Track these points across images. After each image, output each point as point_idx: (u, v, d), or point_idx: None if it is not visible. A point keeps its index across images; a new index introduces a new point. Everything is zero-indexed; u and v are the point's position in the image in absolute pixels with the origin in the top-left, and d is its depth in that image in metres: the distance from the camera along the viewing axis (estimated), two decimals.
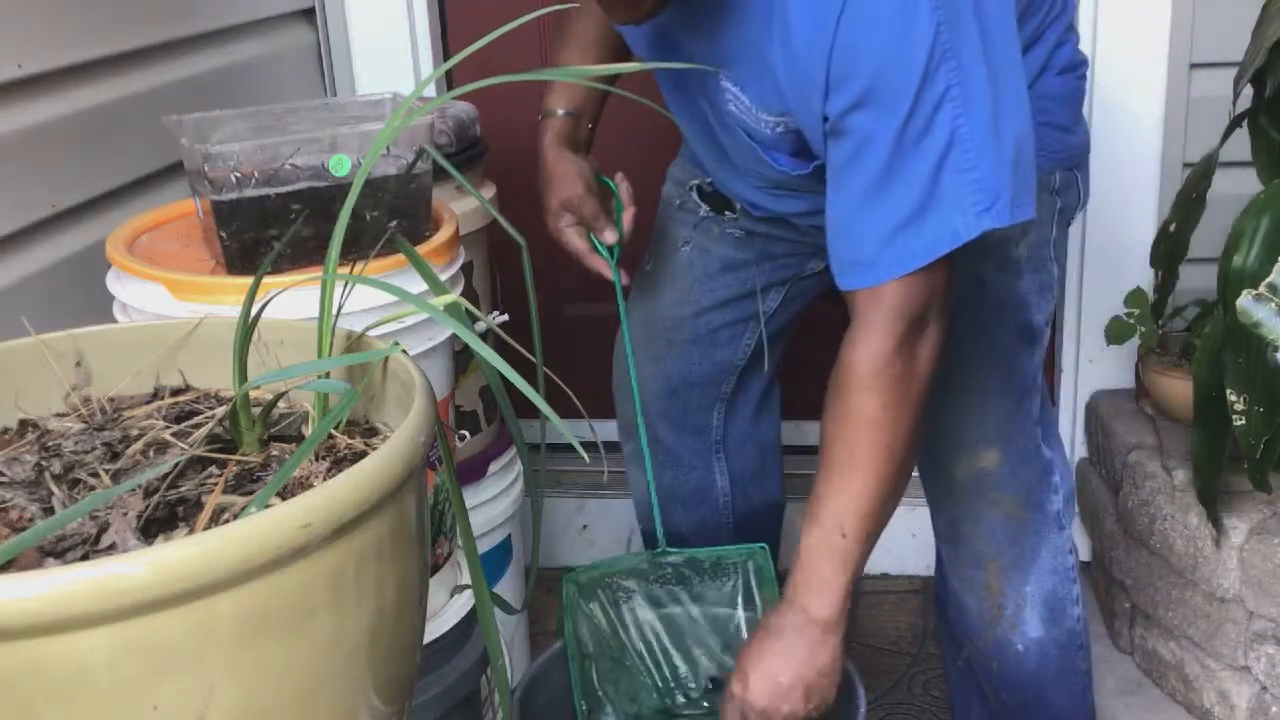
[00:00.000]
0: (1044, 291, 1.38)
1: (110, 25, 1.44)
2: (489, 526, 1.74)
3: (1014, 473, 1.41)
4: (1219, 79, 1.78)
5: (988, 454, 1.40)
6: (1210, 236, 1.69)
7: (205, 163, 1.10)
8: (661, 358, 1.59)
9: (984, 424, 1.40)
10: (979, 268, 1.33)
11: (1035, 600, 1.45)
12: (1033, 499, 1.43)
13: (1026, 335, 1.38)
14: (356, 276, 0.73)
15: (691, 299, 1.55)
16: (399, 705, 0.68)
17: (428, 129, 1.20)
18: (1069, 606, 1.47)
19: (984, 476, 1.41)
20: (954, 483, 1.42)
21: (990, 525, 1.43)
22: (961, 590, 1.49)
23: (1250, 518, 1.69)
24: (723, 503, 1.69)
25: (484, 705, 1.35)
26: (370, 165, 0.73)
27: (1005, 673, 1.50)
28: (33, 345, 0.78)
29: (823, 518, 1.17)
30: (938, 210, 1.07)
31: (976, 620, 1.49)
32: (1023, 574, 1.45)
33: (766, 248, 1.51)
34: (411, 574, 0.66)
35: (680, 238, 1.54)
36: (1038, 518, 1.43)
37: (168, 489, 0.66)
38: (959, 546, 1.47)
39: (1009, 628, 1.46)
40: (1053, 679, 1.49)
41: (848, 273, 1.14)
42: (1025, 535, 1.43)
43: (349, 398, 0.66)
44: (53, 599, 0.50)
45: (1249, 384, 1.54)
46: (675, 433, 1.64)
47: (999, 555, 1.44)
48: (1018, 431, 1.41)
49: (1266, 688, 1.69)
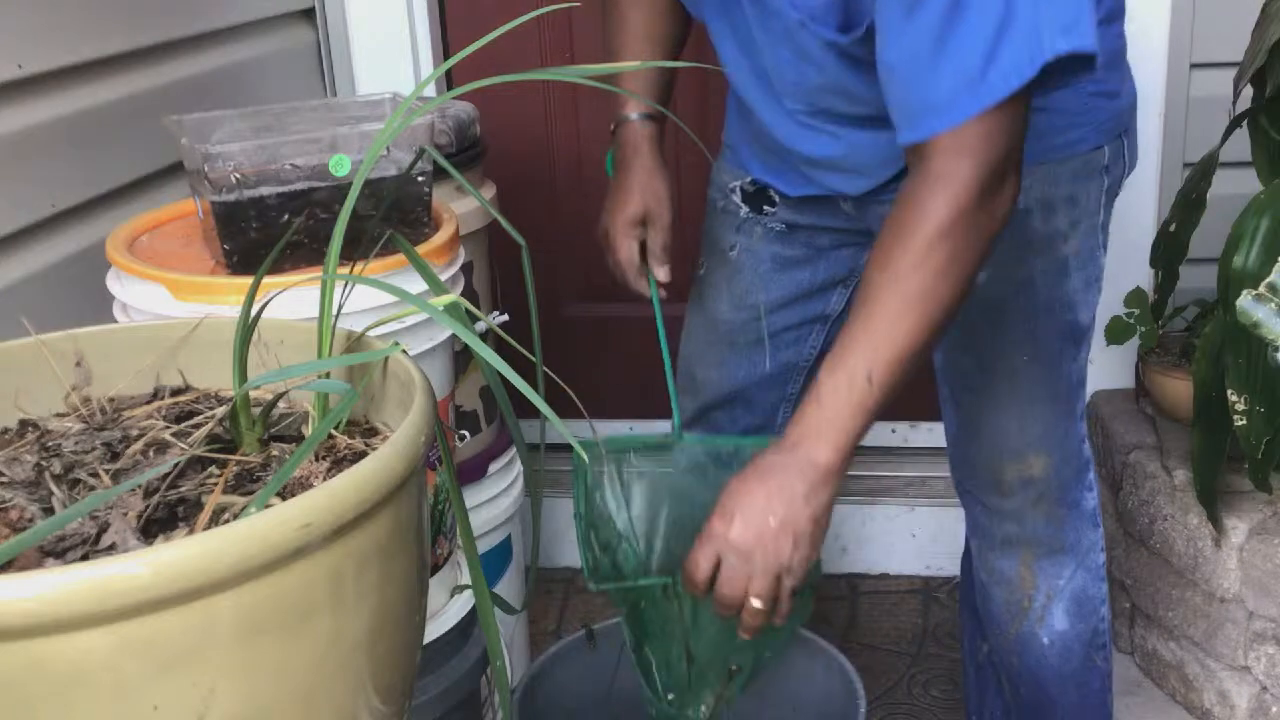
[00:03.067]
0: (1091, 286, 1.35)
1: (110, 25, 1.44)
2: (489, 526, 1.74)
3: (1059, 474, 1.41)
4: (1219, 79, 1.78)
5: (1037, 460, 1.39)
6: (1210, 236, 1.69)
7: (205, 163, 1.10)
8: (725, 361, 1.55)
9: (1031, 432, 1.38)
10: (1029, 268, 1.30)
11: (1065, 594, 1.45)
12: (1070, 496, 1.42)
13: (1073, 336, 1.36)
14: (356, 276, 0.73)
15: (749, 302, 1.50)
16: (399, 705, 0.68)
17: (428, 129, 1.20)
18: (1097, 604, 1.47)
19: (1031, 481, 1.40)
20: (1002, 485, 1.41)
21: (1032, 522, 1.43)
22: (990, 582, 1.49)
23: (1250, 518, 1.69)
24: None
25: (484, 705, 1.35)
26: (370, 165, 0.73)
27: (1026, 667, 1.49)
28: (33, 345, 0.78)
29: (852, 364, 1.09)
30: (1014, 34, 1.00)
31: (1003, 613, 1.48)
32: (1056, 567, 1.44)
33: (812, 240, 1.46)
34: (411, 574, 0.66)
35: (727, 241, 1.49)
36: (1074, 514, 1.43)
37: (168, 489, 0.66)
38: (995, 540, 1.46)
39: (1035, 621, 1.46)
40: (1072, 674, 1.48)
41: (918, 122, 1.06)
42: (1064, 530, 1.43)
43: (349, 398, 0.66)
44: (53, 599, 0.50)
45: (1249, 384, 1.54)
46: (736, 429, 1.59)
47: (1034, 547, 1.44)
48: (1064, 435, 1.40)
49: (1266, 688, 1.69)
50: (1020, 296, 1.31)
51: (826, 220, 1.43)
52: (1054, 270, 1.32)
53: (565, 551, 2.34)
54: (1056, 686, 1.49)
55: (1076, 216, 1.30)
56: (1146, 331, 1.96)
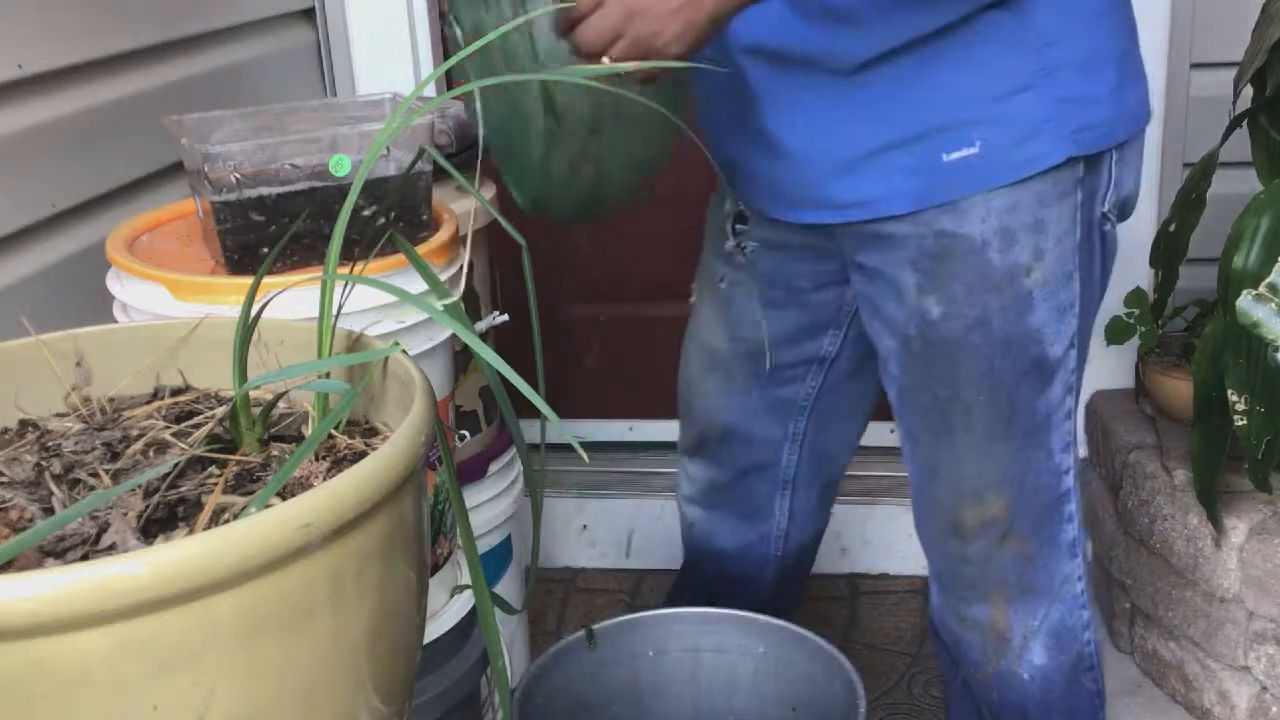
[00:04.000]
0: (1063, 315, 1.24)
1: (110, 25, 1.44)
2: (489, 526, 1.74)
3: (1024, 512, 1.32)
4: (1219, 79, 1.78)
5: (995, 502, 1.31)
6: (1210, 236, 1.69)
7: (205, 163, 1.10)
8: (720, 392, 1.50)
9: (988, 473, 1.30)
10: (984, 305, 1.22)
11: (1042, 631, 1.37)
12: (1044, 532, 1.33)
13: (1039, 371, 1.25)
14: (356, 276, 0.73)
15: (740, 335, 1.45)
16: (399, 705, 0.68)
17: (428, 129, 1.20)
18: (1079, 632, 1.39)
19: (993, 523, 1.32)
20: (961, 529, 1.34)
21: (999, 564, 1.34)
22: (963, 629, 1.41)
23: (1250, 518, 1.69)
24: (775, 536, 1.59)
25: (484, 705, 1.35)
26: (370, 165, 0.73)
27: (1008, 701, 1.42)
28: (33, 345, 0.78)
29: None
30: None
31: (979, 655, 1.41)
32: (1029, 608, 1.36)
33: (790, 284, 1.40)
34: (411, 574, 0.66)
35: (718, 273, 1.46)
36: (1048, 550, 1.34)
37: (168, 489, 0.66)
38: (961, 586, 1.39)
39: (1014, 660, 1.39)
40: (1056, 702, 1.41)
41: None
42: (1034, 569, 1.34)
43: (349, 398, 0.66)
44: (53, 599, 0.50)
45: (1249, 384, 1.54)
46: (732, 469, 1.55)
47: (1004, 589, 1.35)
48: (1025, 472, 1.30)
49: (1266, 688, 1.69)
50: (975, 334, 1.23)
51: (801, 238, 1.35)
52: (1015, 307, 1.21)
53: (565, 551, 2.34)
54: (1040, 712, 1.42)
55: (1042, 244, 1.19)
56: (1146, 331, 1.96)
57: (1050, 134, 1.17)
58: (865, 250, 1.27)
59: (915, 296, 1.23)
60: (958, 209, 1.18)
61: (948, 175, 1.17)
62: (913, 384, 1.29)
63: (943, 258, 1.20)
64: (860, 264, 1.29)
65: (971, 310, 1.21)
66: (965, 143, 1.16)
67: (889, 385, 1.33)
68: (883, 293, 1.27)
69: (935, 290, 1.22)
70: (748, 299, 1.43)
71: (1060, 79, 1.16)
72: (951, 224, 1.19)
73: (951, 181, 1.18)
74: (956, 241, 1.19)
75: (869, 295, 1.30)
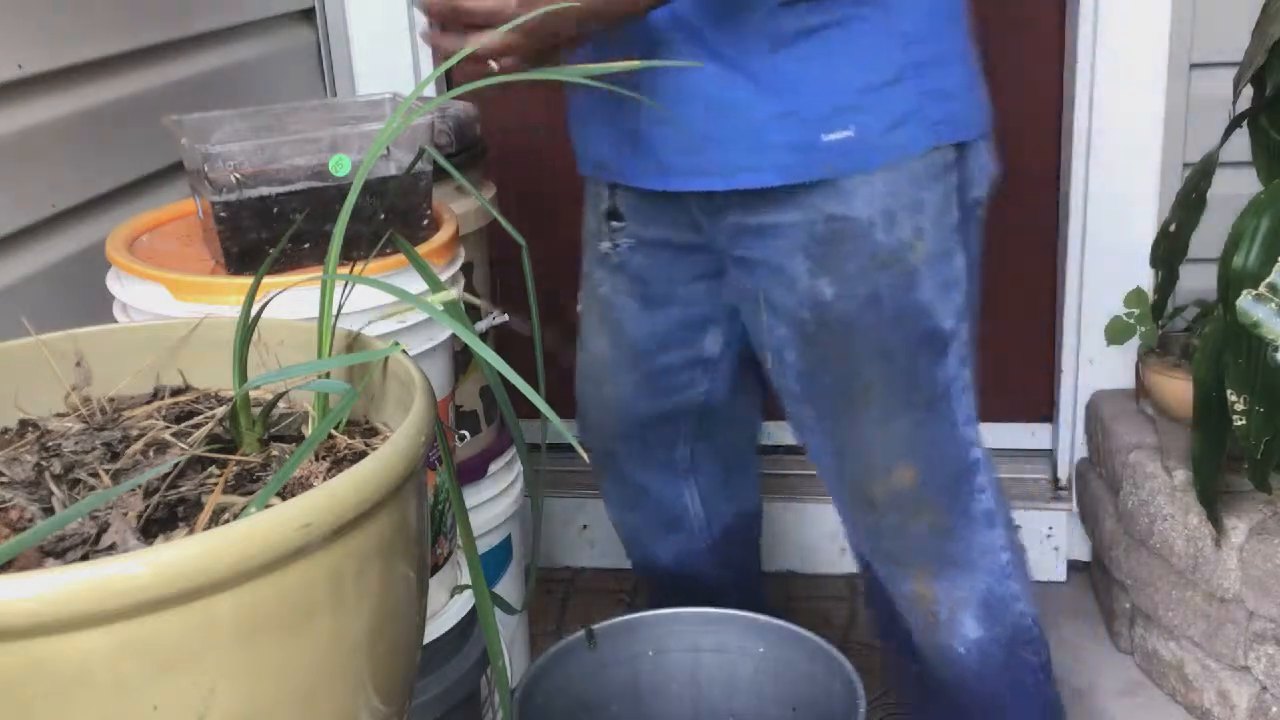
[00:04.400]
0: (949, 289, 1.31)
1: (110, 25, 1.44)
2: (489, 526, 1.74)
3: (933, 482, 1.36)
4: (1219, 79, 1.78)
5: (903, 473, 1.35)
6: (1210, 236, 1.69)
7: (205, 163, 1.10)
8: (613, 399, 1.55)
9: (892, 444, 1.35)
10: (874, 282, 1.28)
11: (969, 603, 1.41)
12: (956, 504, 1.38)
13: (932, 343, 1.31)
14: (356, 276, 0.73)
15: (624, 341, 1.50)
16: (399, 705, 0.68)
17: (428, 129, 1.20)
18: (1010, 603, 1.42)
19: (902, 494, 1.36)
20: (873, 503, 1.38)
21: (916, 536, 1.39)
22: (896, 605, 1.45)
23: (1250, 518, 1.69)
24: (698, 526, 1.65)
25: (484, 705, 1.35)
26: (370, 165, 0.73)
27: (952, 678, 1.45)
28: (33, 345, 0.79)
29: None
30: None
31: (916, 633, 1.45)
32: (952, 579, 1.40)
33: (669, 274, 1.44)
34: (411, 574, 0.66)
35: (596, 278, 1.51)
36: (963, 522, 1.38)
37: (168, 489, 0.66)
38: (884, 563, 1.43)
39: (947, 634, 1.42)
40: (997, 674, 1.45)
41: None
42: (951, 541, 1.39)
43: (349, 398, 0.66)
44: (53, 599, 0.50)
45: (1249, 384, 1.54)
46: (638, 467, 1.60)
47: (926, 563, 1.40)
48: (930, 442, 1.35)
49: (1266, 688, 1.70)
50: (868, 311, 1.29)
51: (674, 233, 1.40)
52: (902, 283, 1.28)
53: (565, 551, 2.34)
54: (983, 687, 1.46)
55: (922, 222, 1.27)
56: (1146, 331, 1.96)
57: (915, 124, 1.25)
58: (747, 243, 1.31)
59: (808, 280, 1.28)
60: (843, 193, 1.25)
61: (825, 155, 1.24)
62: (812, 367, 1.34)
63: (833, 241, 1.26)
64: (741, 258, 1.33)
65: (863, 288, 1.27)
66: (842, 126, 1.23)
67: (785, 376, 1.37)
68: (771, 283, 1.31)
69: (827, 272, 1.27)
70: (627, 300, 1.48)
71: (924, 74, 1.25)
72: (840, 208, 1.25)
73: (828, 161, 1.24)
74: (845, 224, 1.26)
75: (753, 289, 1.34)
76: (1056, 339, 2.17)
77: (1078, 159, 2.03)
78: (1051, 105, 2.10)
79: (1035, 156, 2.13)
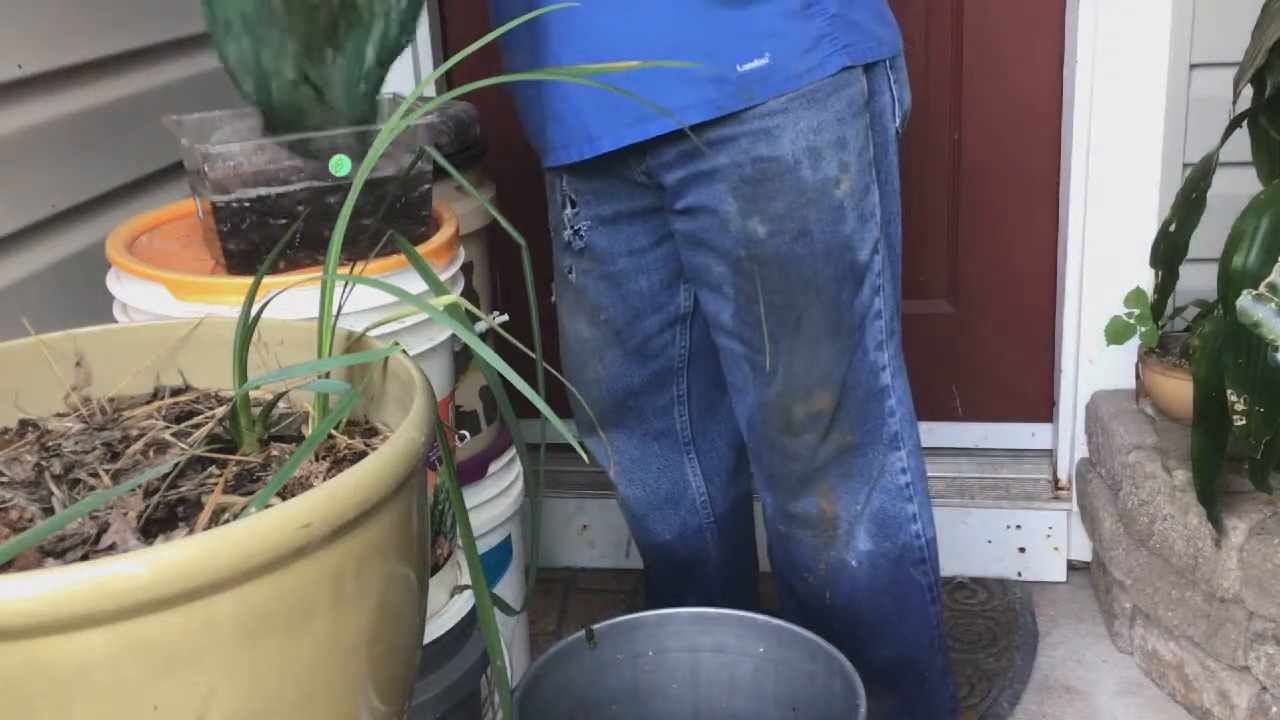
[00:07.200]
0: (866, 223, 1.39)
1: (110, 25, 1.44)
2: (489, 526, 1.74)
3: (847, 405, 1.45)
4: (1219, 79, 1.78)
5: (823, 396, 1.44)
6: (1210, 236, 1.69)
7: (205, 163, 1.10)
8: (601, 377, 1.61)
9: (816, 371, 1.43)
10: (804, 219, 1.35)
11: (864, 517, 1.49)
12: (865, 425, 1.47)
13: (853, 274, 1.40)
14: (356, 276, 0.73)
15: (602, 319, 1.57)
16: (399, 705, 0.68)
17: (428, 129, 1.20)
18: (904, 523, 1.50)
19: (819, 416, 1.45)
20: (791, 426, 1.46)
21: (824, 455, 1.47)
22: (793, 528, 1.52)
23: (1250, 518, 1.69)
24: (700, 502, 1.71)
25: (484, 705, 1.35)
26: (370, 165, 0.73)
27: (839, 598, 1.52)
28: (33, 345, 0.79)
29: None
30: None
31: (810, 552, 1.52)
32: (851, 493, 1.48)
33: (631, 243, 1.51)
34: (411, 574, 0.66)
35: (565, 265, 1.57)
36: (869, 442, 1.47)
37: (168, 489, 0.66)
38: (792, 483, 1.50)
39: (842, 547, 1.50)
40: (885, 588, 1.52)
41: None
42: (853, 456, 1.47)
43: (349, 398, 0.66)
44: (53, 599, 0.50)
45: (1249, 384, 1.54)
46: (638, 440, 1.66)
47: (828, 478, 1.48)
48: (848, 369, 1.44)
49: (1266, 688, 1.70)
50: (799, 246, 1.36)
51: (628, 203, 1.47)
52: (829, 217, 1.36)
53: (565, 551, 2.34)
54: (870, 601, 1.52)
55: (846, 159, 1.34)
56: (1146, 331, 1.96)
57: (826, 47, 1.32)
58: (688, 192, 1.38)
59: (740, 221, 1.36)
60: (770, 134, 1.32)
61: (741, 83, 1.30)
62: (748, 299, 1.41)
63: (761, 181, 1.33)
64: (684, 209, 1.40)
65: (793, 224, 1.35)
66: (756, 55, 1.30)
67: (722, 310, 1.44)
68: (707, 225, 1.38)
69: (758, 211, 1.35)
70: (597, 281, 1.54)
71: (831, 3, 1.32)
72: (766, 149, 1.32)
73: (746, 89, 1.30)
74: (771, 164, 1.33)
75: (694, 232, 1.41)
76: (1056, 339, 2.17)
77: (1078, 159, 2.03)
78: (1052, 105, 2.10)
79: (1035, 156, 2.13)
